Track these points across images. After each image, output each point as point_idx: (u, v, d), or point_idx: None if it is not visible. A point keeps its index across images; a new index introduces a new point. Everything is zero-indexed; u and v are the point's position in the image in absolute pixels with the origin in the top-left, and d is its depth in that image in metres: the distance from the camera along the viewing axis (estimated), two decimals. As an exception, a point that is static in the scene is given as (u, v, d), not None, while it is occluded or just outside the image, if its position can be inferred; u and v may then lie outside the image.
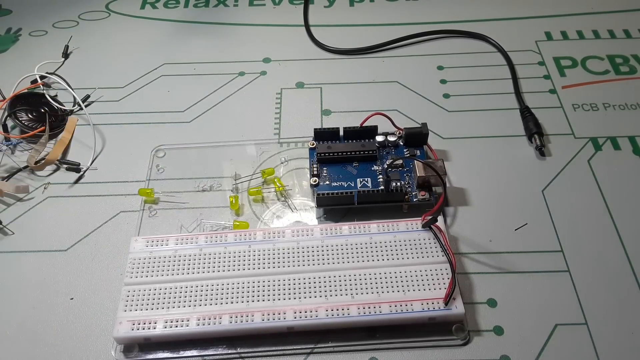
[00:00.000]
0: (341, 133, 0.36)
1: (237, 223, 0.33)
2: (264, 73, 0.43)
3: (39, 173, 0.37)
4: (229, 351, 0.28)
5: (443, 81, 0.42)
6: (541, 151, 0.36)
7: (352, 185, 0.34)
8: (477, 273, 0.31)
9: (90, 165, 0.37)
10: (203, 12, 0.49)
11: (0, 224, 0.34)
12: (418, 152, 0.35)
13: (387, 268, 0.29)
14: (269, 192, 0.35)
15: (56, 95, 0.42)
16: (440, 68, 0.43)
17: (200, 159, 0.37)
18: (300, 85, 0.42)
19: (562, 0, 0.48)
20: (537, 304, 0.30)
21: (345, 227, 0.31)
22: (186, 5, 0.50)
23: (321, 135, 0.36)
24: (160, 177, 0.36)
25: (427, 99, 0.40)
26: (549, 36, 0.45)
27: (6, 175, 0.37)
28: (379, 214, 0.33)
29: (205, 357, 0.28)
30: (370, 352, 0.28)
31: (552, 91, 0.41)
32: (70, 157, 0.38)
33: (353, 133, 0.36)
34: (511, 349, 0.28)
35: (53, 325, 0.30)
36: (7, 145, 0.38)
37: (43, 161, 0.37)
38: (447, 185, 0.35)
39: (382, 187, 0.33)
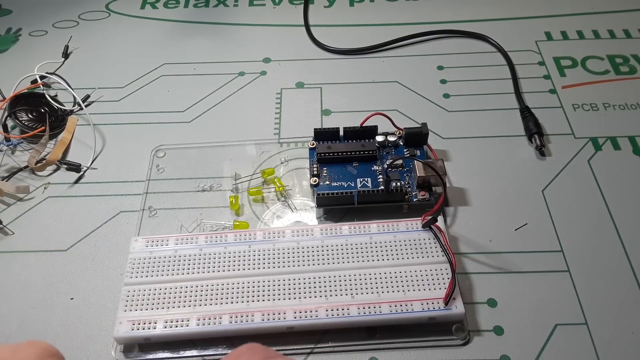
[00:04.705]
0: (341, 133, 0.36)
1: (237, 223, 0.33)
2: (264, 73, 0.43)
3: (39, 173, 0.37)
4: (229, 351, 0.28)
5: (443, 81, 0.42)
6: (541, 151, 0.36)
7: (352, 185, 0.34)
8: (477, 273, 0.31)
9: (91, 165, 0.37)
10: (203, 12, 0.49)
11: (0, 223, 0.34)
12: (418, 152, 0.35)
13: (387, 268, 0.29)
14: (269, 192, 0.35)
15: (56, 95, 0.42)
16: (440, 68, 0.43)
17: (200, 159, 0.37)
18: (300, 85, 0.42)
19: (562, 0, 0.48)
20: (537, 304, 0.30)
21: (345, 227, 0.31)
22: (186, 5, 0.50)
23: (321, 135, 0.36)
24: (160, 177, 0.36)
25: (427, 99, 0.40)
26: (549, 36, 0.45)
27: (6, 175, 0.37)
28: (379, 214, 0.33)
29: (205, 357, 0.28)
30: (370, 352, 0.28)
31: (552, 91, 0.41)
32: (70, 157, 0.38)
33: (353, 133, 0.36)
34: (511, 349, 0.28)
35: (53, 325, 0.30)
36: (7, 145, 0.38)
37: (44, 162, 0.37)
38: (447, 185, 0.35)
39: (382, 187, 0.33)
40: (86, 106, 0.41)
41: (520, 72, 0.42)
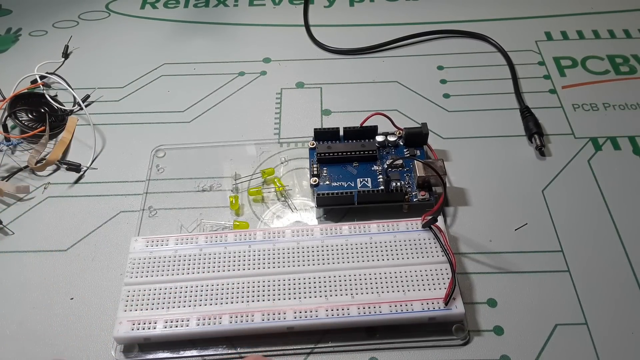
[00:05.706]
0: (341, 133, 0.36)
1: (237, 223, 0.33)
2: (264, 73, 0.43)
3: (39, 173, 0.37)
4: (229, 351, 0.28)
5: (443, 81, 0.42)
6: (541, 151, 0.36)
7: (352, 185, 0.34)
8: (477, 273, 0.31)
9: (90, 165, 0.37)
10: (203, 12, 0.49)
11: (0, 223, 0.34)
12: (418, 152, 0.35)
13: (387, 268, 0.29)
14: (269, 192, 0.35)
15: (56, 95, 0.42)
16: (440, 68, 0.43)
17: (200, 159, 0.37)
18: (300, 85, 0.42)
19: (562, 0, 0.48)
20: (537, 304, 0.30)
21: (345, 227, 0.31)
22: (186, 5, 0.50)
23: (321, 135, 0.36)
24: (160, 177, 0.36)
25: (427, 99, 0.40)
26: (549, 36, 0.45)
27: (6, 175, 0.37)
28: (379, 214, 0.33)
29: (205, 357, 0.28)
30: (370, 352, 0.28)
31: (552, 91, 0.41)
32: (70, 157, 0.38)
33: (353, 133, 0.36)
34: (511, 349, 0.28)
35: (53, 325, 0.30)
36: (7, 145, 0.38)
37: (44, 162, 0.37)
38: (447, 185, 0.35)
39: (382, 187, 0.33)
40: (86, 106, 0.41)
41: (520, 72, 0.42)
